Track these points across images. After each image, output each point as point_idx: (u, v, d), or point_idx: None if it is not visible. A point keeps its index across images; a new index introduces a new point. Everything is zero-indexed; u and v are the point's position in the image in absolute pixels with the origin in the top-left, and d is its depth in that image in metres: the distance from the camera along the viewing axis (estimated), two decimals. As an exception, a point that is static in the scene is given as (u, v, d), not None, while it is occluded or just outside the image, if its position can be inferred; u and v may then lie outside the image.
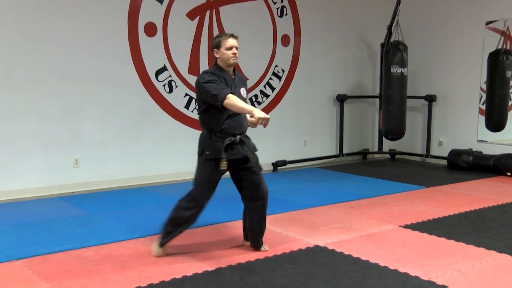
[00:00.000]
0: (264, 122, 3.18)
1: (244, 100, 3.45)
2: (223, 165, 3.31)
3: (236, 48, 3.40)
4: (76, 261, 3.43)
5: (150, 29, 6.02)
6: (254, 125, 3.42)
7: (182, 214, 3.45)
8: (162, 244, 3.51)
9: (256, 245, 3.63)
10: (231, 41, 3.38)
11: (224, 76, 3.38)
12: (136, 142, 6.05)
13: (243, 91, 3.49)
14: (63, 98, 5.53)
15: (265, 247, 3.64)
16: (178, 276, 3.16)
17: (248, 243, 3.68)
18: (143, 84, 6.04)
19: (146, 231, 4.08)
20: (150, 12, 5.99)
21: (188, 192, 3.49)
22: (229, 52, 3.36)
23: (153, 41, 6.06)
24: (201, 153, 3.43)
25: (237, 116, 3.38)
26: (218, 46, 3.39)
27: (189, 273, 3.20)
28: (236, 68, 3.55)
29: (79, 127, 5.66)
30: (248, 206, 3.57)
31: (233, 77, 3.45)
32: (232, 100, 3.22)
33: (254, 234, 3.60)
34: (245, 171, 3.46)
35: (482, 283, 3.05)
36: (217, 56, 3.41)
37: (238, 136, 3.39)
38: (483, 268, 3.30)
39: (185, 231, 3.60)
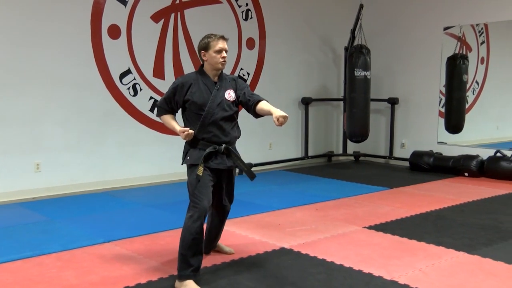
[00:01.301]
0: (188, 137, 3.08)
1: (231, 102, 3.18)
2: (200, 170, 3.06)
3: (226, 52, 3.14)
4: (36, 268, 3.35)
5: (114, 32, 5.94)
6: (278, 123, 3.00)
7: (191, 228, 3.02)
8: (183, 277, 3.01)
9: (208, 250, 3.55)
10: (221, 44, 3.11)
11: (204, 81, 3.13)
12: (100, 146, 5.95)
13: (229, 93, 3.17)
14: (23, 101, 5.40)
15: (231, 250, 3.62)
16: (143, 281, 3.12)
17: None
18: (107, 87, 5.95)
19: (111, 236, 4.02)
20: (113, 14, 5.91)
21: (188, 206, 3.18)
22: (218, 56, 3.10)
23: (117, 43, 5.98)
24: (183, 159, 3.25)
25: (224, 123, 3.13)
26: (206, 47, 3.13)
27: (155, 278, 3.18)
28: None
29: (40, 131, 5.53)
30: (214, 212, 3.45)
31: (215, 81, 3.17)
32: (163, 120, 3.28)
33: (210, 240, 3.51)
34: (227, 184, 3.32)
35: (442, 280, 3.14)
36: (204, 58, 3.15)
37: (224, 145, 3.14)
38: (442, 266, 3.40)
39: (162, 237, 3.56)
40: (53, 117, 5.60)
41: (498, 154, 6.73)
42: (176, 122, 3.23)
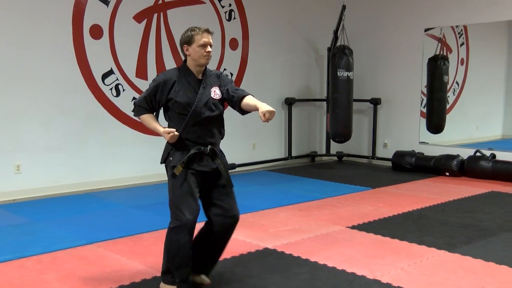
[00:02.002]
0: (172, 139, 2.88)
1: (217, 100, 2.96)
2: (178, 170, 2.85)
3: (211, 46, 2.92)
4: (17, 271, 3.31)
5: (96, 32, 5.89)
6: (264, 118, 2.84)
7: (174, 242, 2.84)
8: (167, 282, 2.89)
9: (202, 270, 3.05)
10: (205, 38, 2.88)
11: (188, 79, 2.92)
12: (82, 147, 5.90)
13: (214, 90, 2.95)
14: (3, 101, 5.32)
15: (206, 279, 3.07)
16: (126, 283, 3.11)
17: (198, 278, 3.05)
18: (89, 87, 5.90)
19: (94, 237, 3.99)
20: (95, 14, 5.86)
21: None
22: (202, 51, 2.87)
23: (99, 43, 5.93)
24: (164, 159, 2.98)
25: (208, 123, 2.92)
26: (189, 41, 2.89)
27: (138, 279, 3.16)
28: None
29: (21, 132, 5.46)
30: (208, 228, 3.00)
31: (200, 77, 2.95)
32: (142, 120, 3.09)
33: (203, 260, 3.03)
34: (216, 192, 2.95)
35: (423, 279, 3.19)
36: (187, 53, 2.92)
37: (209, 147, 2.92)
38: (424, 265, 3.44)
39: (143, 238, 3.54)
40: (34, 117, 5.54)
41: (478, 154, 6.83)
42: (157, 123, 3.04)
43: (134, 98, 6.27)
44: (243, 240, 3.98)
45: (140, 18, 6.24)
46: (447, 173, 6.83)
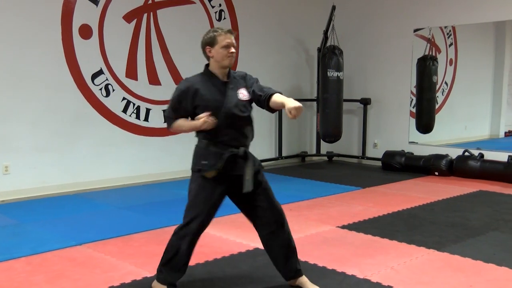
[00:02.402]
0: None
1: (246, 102, 2.87)
2: (210, 173, 2.76)
3: (234, 47, 2.84)
4: (5, 273, 3.28)
5: (85, 31, 5.86)
6: (291, 115, 2.78)
7: (175, 244, 2.84)
8: (160, 280, 2.89)
9: (294, 273, 2.98)
10: (228, 38, 2.82)
11: (213, 82, 2.84)
12: (71, 147, 5.86)
13: (242, 92, 2.87)
14: (-9, 102, 5.28)
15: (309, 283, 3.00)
16: (116, 283, 3.09)
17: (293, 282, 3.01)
18: (79, 87, 5.87)
19: (83, 238, 3.97)
20: (85, 14, 5.83)
21: (183, 217, 2.89)
22: (225, 52, 2.80)
23: (89, 43, 5.90)
24: (196, 166, 2.83)
25: (241, 124, 2.84)
26: (211, 43, 2.83)
27: (128, 280, 3.15)
28: (174, 71, 3.25)
29: (8, 132, 5.41)
30: (263, 234, 2.96)
31: (226, 80, 2.87)
32: (175, 128, 2.87)
33: (281, 264, 2.97)
34: (249, 194, 2.84)
35: (412, 278, 3.21)
36: (210, 55, 2.85)
37: (242, 148, 2.84)
38: (413, 264, 3.47)
39: (136, 239, 3.52)
40: (22, 117, 5.49)
41: (466, 154, 6.89)
42: (189, 120, 2.85)
43: (124, 98, 6.24)
44: (234, 240, 3.98)
45: (129, 18, 6.22)
46: (436, 173, 6.88)
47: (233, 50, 2.83)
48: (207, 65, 2.92)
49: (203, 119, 2.71)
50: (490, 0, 6.81)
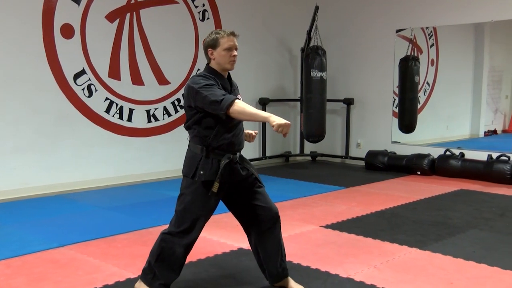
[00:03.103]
0: (285, 130, 2.56)
1: None
2: (215, 187, 2.66)
3: (236, 49, 2.80)
4: (-13, 276, 3.24)
5: (67, 31, 5.80)
6: (251, 138, 2.90)
7: (169, 247, 2.75)
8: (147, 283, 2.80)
9: (282, 272, 2.95)
10: (231, 41, 2.77)
11: (221, 82, 2.77)
12: (53, 148, 5.80)
13: (239, 96, 2.87)
14: (-29, 102, 5.20)
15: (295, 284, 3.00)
16: (99, 285, 3.07)
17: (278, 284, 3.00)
18: (61, 87, 5.80)
19: (65, 240, 3.93)
20: (66, 13, 5.77)
21: (173, 222, 2.80)
22: (227, 55, 2.76)
23: (71, 43, 5.84)
24: (193, 174, 2.72)
25: (237, 129, 2.79)
26: (214, 45, 2.77)
27: (111, 282, 3.13)
28: (158, 71, 3.17)
29: (-11, 133, 5.34)
30: (257, 233, 2.90)
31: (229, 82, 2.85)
32: (240, 106, 2.59)
33: (273, 261, 2.93)
34: (247, 194, 2.85)
35: (395, 276, 3.24)
36: (211, 57, 2.79)
37: (238, 154, 2.79)
38: (396, 262, 3.50)
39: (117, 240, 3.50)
40: (2, 117, 5.42)
41: (448, 153, 6.98)
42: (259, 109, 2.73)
43: (107, 99, 6.19)
44: (217, 240, 3.97)
45: (112, 18, 6.17)
46: (419, 172, 6.95)
47: (235, 53, 2.78)
48: (207, 65, 2.85)
49: (286, 122, 2.54)
50: (469, 2, 6.92)
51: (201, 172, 2.69)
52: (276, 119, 2.55)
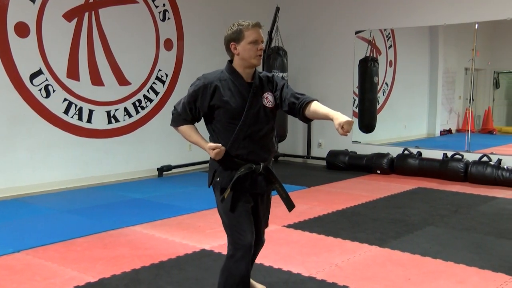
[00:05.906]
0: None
1: (270, 109, 2.52)
2: (227, 193, 2.45)
3: (262, 42, 2.48)
4: None
5: (22, 30, 5.63)
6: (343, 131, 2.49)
7: (234, 271, 2.50)
8: None
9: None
10: (256, 33, 2.44)
11: (235, 83, 2.47)
12: (9, 150, 5.61)
13: (267, 97, 2.51)
14: None
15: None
16: (58, 291, 3.00)
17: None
18: (16, 88, 5.62)
19: (22, 245, 3.81)
20: (20, 11, 5.60)
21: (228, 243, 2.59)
22: (254, 48, 2.43)
23: (26, 42, 5.67)
24: (211, 181, 2.56)
25: (260, 136, 2.49)
26: (237, 38, 2.45)
27: (70, 286, 3.06)
28: (118, 72, 2.91)
29: None
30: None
31: (250, 81, 2.50)
32: (180, 132, 2.53)
33: None
34: (264, 211, 2.71)
35: (356, 274, 3.30)
36: (235, 52, 2.48)
37: (262, 164, 2.52)
38: (357, 260, 3.57)
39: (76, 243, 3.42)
40: (-46, 120, 5.22)
41: (406, 152, 7.17)
42: (200, 136, 2.54)
43: (65, 99, 6.04)
44: (180, 241, 3.95)
45: (70, 17, 6.03)
46: (378, 171, 7.10)
47: (262, 46, 2.47)
48: (230, 61, 2.56)
49: (216, 149, 2.41)
50: (425, 6, 7.12)
51: (218, 179, 2.51)
52: (205, 146, 2.46)
